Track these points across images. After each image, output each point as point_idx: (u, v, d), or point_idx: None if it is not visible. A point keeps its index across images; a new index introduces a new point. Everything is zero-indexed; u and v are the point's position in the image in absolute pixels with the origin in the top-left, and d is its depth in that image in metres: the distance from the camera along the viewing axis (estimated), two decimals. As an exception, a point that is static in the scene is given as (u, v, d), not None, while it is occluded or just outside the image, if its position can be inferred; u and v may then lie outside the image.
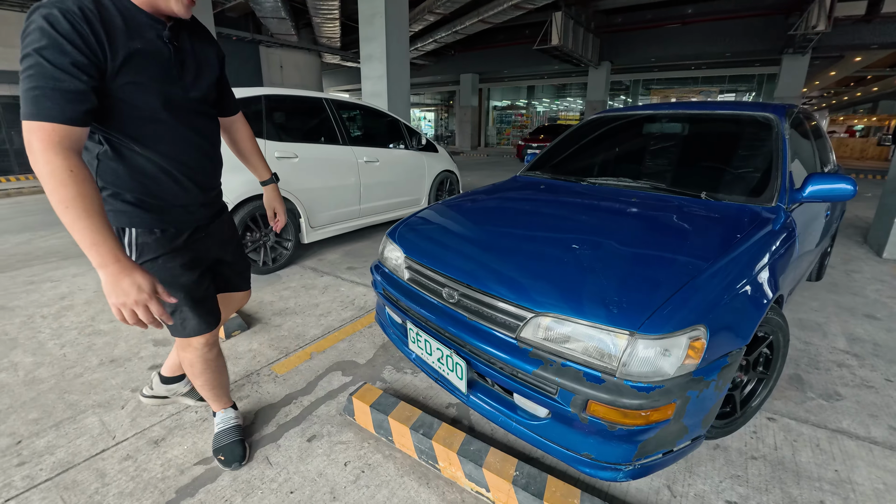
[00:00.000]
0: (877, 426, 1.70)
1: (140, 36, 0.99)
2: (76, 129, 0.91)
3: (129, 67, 0.97)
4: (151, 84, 1.03)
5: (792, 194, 1.81)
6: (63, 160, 0.87)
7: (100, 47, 0.92)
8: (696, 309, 1.18)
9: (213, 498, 1.38)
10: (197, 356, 1.39)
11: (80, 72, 0.89)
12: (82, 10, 0.89)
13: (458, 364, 1.44)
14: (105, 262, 0.92)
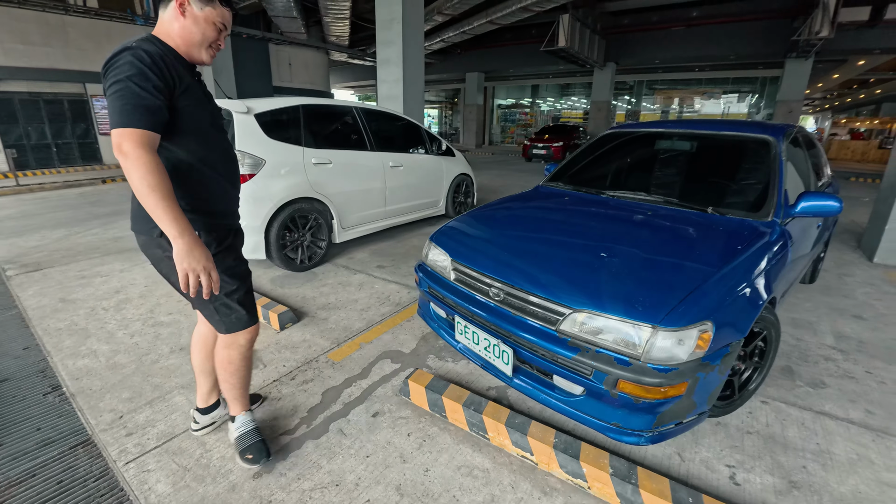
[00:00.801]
0: (854, 409, 2.00)
1: (188, 74, 1.32)
2: (155, 134, 1.19)
3: (187, 94, 1.28)
4: (200, 106, 1.35)
5: (786, 210, 2.09)
6: (151, 156, 1.15)
7: (171, 77, 1.22)
8: (705, 308, 1.47)
9: (303, 461, 1.67)
10: (240, 353, 1.55)
11: (158, 93, 1.18)
12: (158, 53, 1.21)
13: (506, 352, 1.73)
14: (182, 233, 1.17)
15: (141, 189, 1.12)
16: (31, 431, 1.87)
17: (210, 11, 1.31)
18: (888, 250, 4.17)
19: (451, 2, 11.76)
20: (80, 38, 11.38)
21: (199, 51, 1.33)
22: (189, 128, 1.30)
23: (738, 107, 20.67)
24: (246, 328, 1.52)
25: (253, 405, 1.93)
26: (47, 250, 4.43)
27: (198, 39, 1.31)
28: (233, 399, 1.65)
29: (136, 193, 1.13)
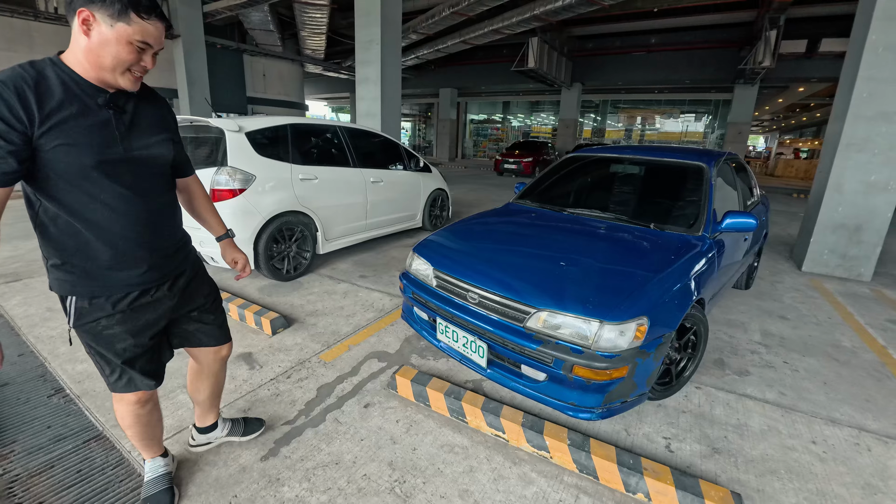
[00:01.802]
0: (770, 392, 2.39)
1: (77, 102, 1.05)
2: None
3: (60, 129, 1.02)
4: (85, 145, 1.06)
5: (714, 226, 2.50)
6: None
7: (26, 114, 0.98)
8: (642, 306, 1.81)
9: (304, 445, 1.90)
10: (127, 411, 1.40)
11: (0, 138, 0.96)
12: (15, 84, 0.98)
13: (481, 346, 2.03)
14: None
15: None
16: (42, 429, 2.01)
17: (123, 29, 1.02)
18: (813, 260, 4.75)
19: (425, 21, 12.23)
20: (46, 44, 11.12)
21: (114, 76, 1.08)
22: (56, 171, 1.05)
23: (695, 126, 22.08)
24: (132, 392, 1.35)
25: (254, 433, 1.89)
26: (24, 261, 4.42)
27: (108, 63, 1.05)
28: (136, 447, 1.55)
29: None
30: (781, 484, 1.76)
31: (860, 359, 2.84)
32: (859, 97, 4.27)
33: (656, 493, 1.60)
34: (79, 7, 1.01)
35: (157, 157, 1.24)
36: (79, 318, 1.21)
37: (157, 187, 1.26)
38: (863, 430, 2.12)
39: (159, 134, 1.25)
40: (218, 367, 1.66)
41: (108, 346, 1.26)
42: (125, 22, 1.02)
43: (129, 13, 1.02)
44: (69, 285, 1.17)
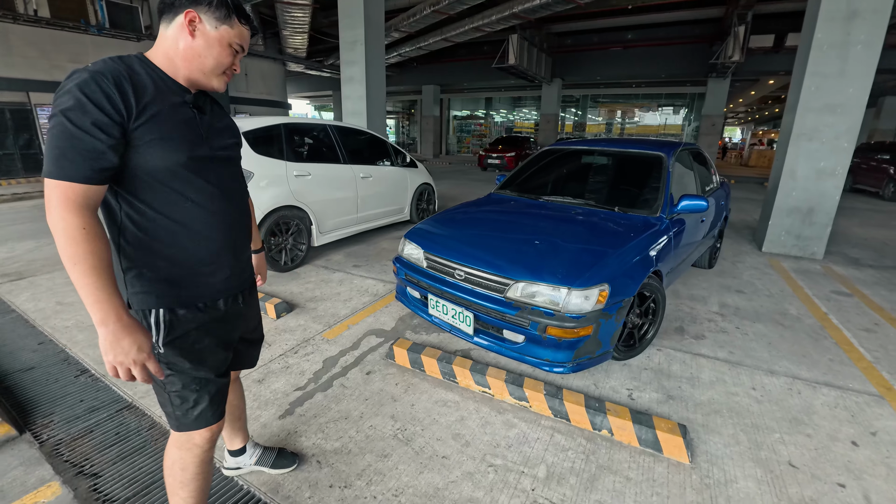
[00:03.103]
0: (721, 351, 2.74)
1: (167, 98, 1.04)
2: (92, 187, 0.93)
3: (155, 122, 1.00)
4: (178, 139, 1.04)
5: (671, 208, 2.83)
6: (76, 217, 0.89)
7: (125, 106, 0.95)
8: (604, 275, 2.12)
9: (315, 406, 2.17)
10: (194, 455, 1.22)
11: (100, 130, 0.91)
12: (113, 74, 0.95)
13: (468, 316, 2.32)
14: (107, 319, 0.92)
15: (63, 260, 0.90)
16: (76, 403, 2.23)
17: (226, 31, 1.06)
18: (772, 241, 5.17)
19: (407, 20, 12.43)
20: (24, 46, 11.01)
21: (210, 78, 1.09)
22: (145, 168, 1.00)
23: (673, 119, 22.72)
24: (209, 426, 1.20)
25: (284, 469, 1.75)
26: (23, 261, 4.55)
27: (209, 64, 1.07)
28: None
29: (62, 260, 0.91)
30: (723, 420, 2.09)
31: (803, 323, 3.22)
32: (808, 91, 4.67)
33: (617, 428, 1.92)
34: (186, 8, 1.03)
35: (234, 159, 1.25)
36: (169, 333, 1.09)
37: (238, 189, 1.25)
38: (796, 378, 2.48)
39: (231, 138, 1.24)
40: (237, 384, 1.60)
41: (199, 362, 1.15)
42: (228, 25, 1.06)
43: (232, 17, 1.06)
44: (154, 297, 1.07)
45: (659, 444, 1.85)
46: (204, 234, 1.12)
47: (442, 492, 1.65)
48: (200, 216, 1.11)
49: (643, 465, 1.80)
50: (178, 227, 1.08)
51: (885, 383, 2.46)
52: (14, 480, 1.72)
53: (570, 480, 1.72)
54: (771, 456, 1.87)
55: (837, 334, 3.06)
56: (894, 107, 18.78)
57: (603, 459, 1.83)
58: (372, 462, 1.80)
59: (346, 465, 1.78)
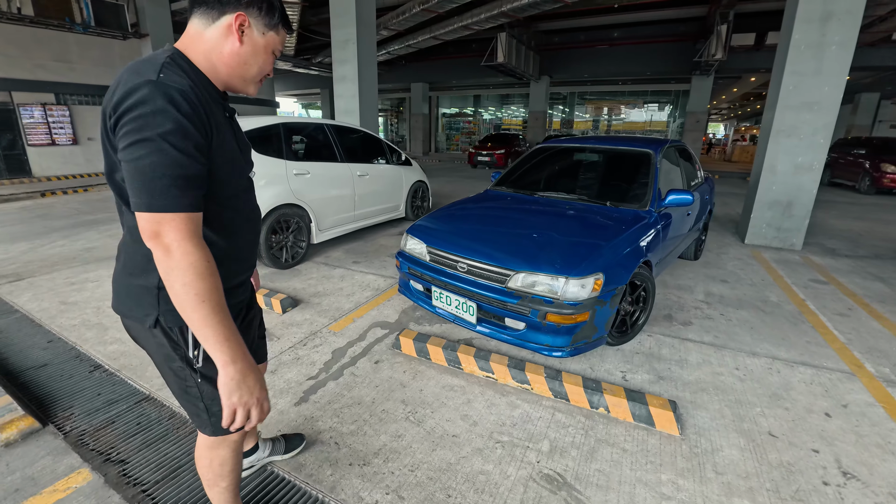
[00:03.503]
0: (707, 336, 2.92)
1: (219, 111, 0.98)
2: (200, 215, 0.88)
3: (220, 140, 0.94)
4: (238, 155, 1.01)
5: (659, 202, 3.00)
6: (201, 251, 0.85)
7: (208, 125, 0.89)
8: (598, 265, 2.27)
9: (329, 393, 2.28)
10: (231, 450, 1.23)
11: (200, 154, 0.86)
12: (193, 90, 0.87)
13: (471, 306, 2.45)
14: (235, 358, 0.88)
15: (186, 298, 0.83)
16: (94, 396, 2.31)
17: (272, 38, 1.00)
18: (754, 234, 5.40)
19: (396, 18, 12.47)
20: (4, 44, 10.81)
21: (247, 84, 1.02)
22: (221, 189, 0.97)
23: (659, 115, 23.12)
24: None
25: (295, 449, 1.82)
26: (19, 262, 4.55)
27: (253, 71, 1.01)
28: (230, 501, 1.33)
29: (177, 301, 0.84)
30: (709, 396, 2.26)
31: (783, 310, 3.42)
32: (787, 89, 4.89)
33: (613, 405, 2.07)
34: (236, 10, 0.94)
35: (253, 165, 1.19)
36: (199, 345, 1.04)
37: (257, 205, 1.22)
38: (776, 359, 2.66)
39: (247, 143, 1.17)
40: None
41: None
42: (275, 31, 1.00)
43: (279, 24, 1.00)
44: None
45: (651, 418, 2.00)
46: (243, 251, 1.12)
47: (454, 466, 1.79)
48: (248, 229, 1.11)
49: (637, 437, 1.96)
50: (232, 242, 1.05)
51: (857, 362, 2.65)
52: (44, 469, 1.80)
53: (571, 453, 1.86)
54: (753, 427, 2.04)
55: (814, 319, 3.26)
56: (870, 103, 19.40)
57: (601, 434, 1.98)
58: (387, 442, 1.92)
59: (363, 446, 1.90)
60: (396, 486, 1.69)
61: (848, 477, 1.77)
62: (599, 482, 1.72)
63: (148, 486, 1.71)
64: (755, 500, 1.65)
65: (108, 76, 12.95)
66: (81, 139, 12.71)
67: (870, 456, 1.88)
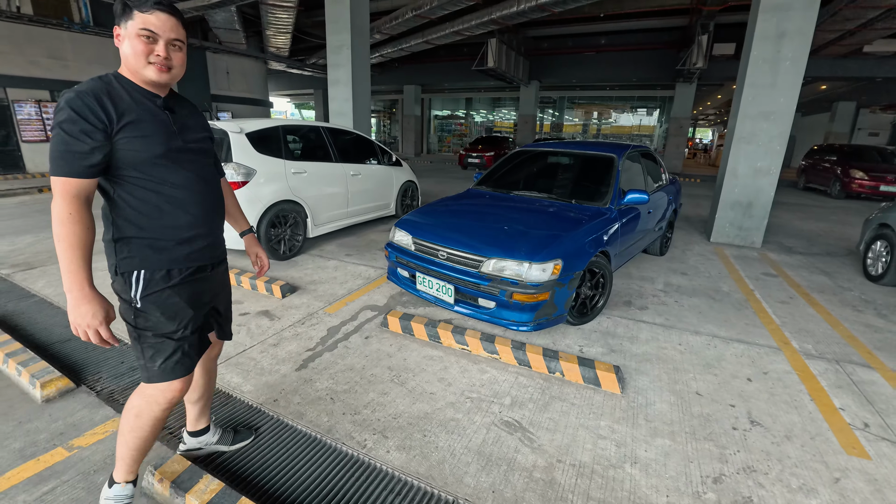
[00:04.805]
0: (659, 318, 3.32)
1: (142, 105, 1.27)
2: (82, 181, 1.18)
3: (134, 126, 1.23)
4: (154, 136, 1.27)
5: (619, 200, 3.39)
6: (67, 205, 1.15)
7: (106, 116, 1.18)
8: (558, 252, 2.65)
9: (325, 361, 2.63)
10: (151, 410, 1.39)
11: (87, 136, 1.15)
12: (94, 91, 1.18)
13: (450, 288, 2.82)
14: (71, 287, 1.16)
15: (54, 236, 1.16)
16: (118, 364, 2.62)
17: (132, 24, 1.21)
18: (718, 232, 5.84)
19: (389, 23, 12.83)
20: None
21: (141, 71, 1.25)
22: (131, 161, 1.24)
23: (648, 119, 23.76)
24: (175, 378, 1.37)
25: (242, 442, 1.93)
26: (28, 253, 4.81)
27: (131, 60, 1.24)
28: (124, 459, 1.46)
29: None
30: (651, 366, 2.65)
31: (731, 298, 3.84)
32: (746, 100, 5.34)
33: (567, 370, 2.45)
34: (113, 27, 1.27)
35: (207, 150, 1.47)
36: (146, 288, 1.30)
37: (213, 175, 1.48)
38: (715, 336, 3.07)
39: (203, 132, 1.46)
40: (211, 365, 1.75)
41: (171, 316, 1.34)
42: (130, 19, 1.21)
43: (132, 12, 1.21)
44: (138, 260, 1.30)
45: (598, 380, 2.38)
46: (183, 211, 1.35)
47: (430, 415, 2.15)
48: (180, 196, 1.34)
49: (585, 395, 2.34)
50: (161, 206, 1.31)
51: (785, 339, 3.07)
52: (83, 418, 2.13)
53: (528, 406, 2.24)
54: (684, 388, 2.43)
55: (757, 305, 3.68)
56: (847, 111, 20.14)
57: (555, 392, 2.36)
58: (374, 398, 2.28)
59: (354, 400, 2.26)
60: (382, 428, 2.05)
61: (754, 424, 2.16)
62: (549, 426, 2.09)
63: (174, 430, 2.05)
64: (675, 440, 2.03)
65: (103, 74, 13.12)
66: (76, 136, 12.84)
67: (776, 410, 2.28)
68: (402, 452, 1.90)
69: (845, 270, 4.76)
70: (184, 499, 1.57)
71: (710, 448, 1.98)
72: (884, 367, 2.73)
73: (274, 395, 2.30)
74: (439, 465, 1.84)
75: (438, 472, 1.80)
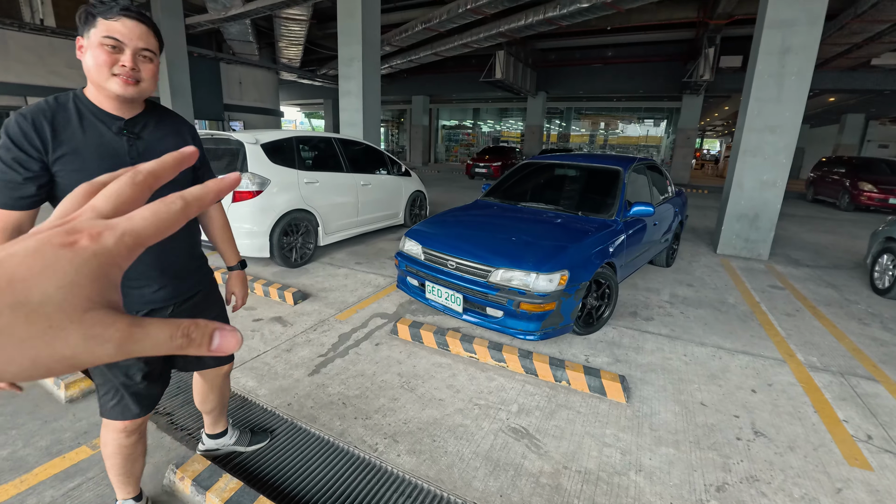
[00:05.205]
0: (664, 329, 3.36)
1: (92, 131, 1.13)
2: (11, 212, 1.08)
3: (72, 157, 1.10)
4: (93, 170, 1.10)
5: (625, 213, 3.46)
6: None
7: (42, 144, 1.07)
8: (565, 263, 2.72)
9: (336, 367, 2.70)
10: (111, 438, 1.39)
11: (19, 165, 1.05)
12: (33, 116, 1.07)
13: (458, 297, 2.89)
14: None
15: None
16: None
17: (94, 33, 1.09)
18: (725, 244, 5.86)
19: (399, 35, 13.07)
20: (21, 51, 11.34)
21: (104, 84, 1.12)
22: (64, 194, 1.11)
23: (655, 130, 23.82)
24: (115, 419, 1.35)
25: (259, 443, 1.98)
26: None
27: (93, 72, 1.10)
28: (113, 483, 1.50)
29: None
30: (656, 376, 2.69)
31: (737, 310, 3.87)
32: (752, 113, 5.40)
33: (573, 379, 2.50)
34: (77, 39, 1.13)
35: (178, 181, 1.20)
36: None
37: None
38: (720, 348, 3.10)
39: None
40: (221, 381, 1.71)
41: (112, 366, 1.26)
42: (94, 27, 1.09)
43: (95, 20, 1.09)
44: None
45: (604, 389, 2.43)
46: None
47: (440, 420, 2.21)
48: None
49: (591, 404, 2.39)
50: None
51: (790, 352, 3.09)
52: (105, 418, 2.22)
53: (535, 413, 2.29)
54: (688, 398, 2.47)
55: (763, 317, 3.71)
56: (857, 123, 20.09)
57: (561, 400, 2.41)
58: (385, 403, 2.35)
59: (365, 405, 2.32)
60: (392, 433, 2.11)
61: (758, 434, 2.20)
62: (555, 434, 2.14)
63: (192, 431, 2.13)
64: (679, 449, 2.07)
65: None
66: (93, 144, 13.18)
67: (780, 421, 2.32)
68: (412, 456, 1.97)
69: (852, 283, 4.77)
70: (204, 496, 1.65)
71: (713, 457, 2.02)
72: (889, 380, 2.75)
73: (288, 399, 2.37)
74: (448, 469, 1.90)
75: (448, 475, 1.86)
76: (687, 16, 12.73)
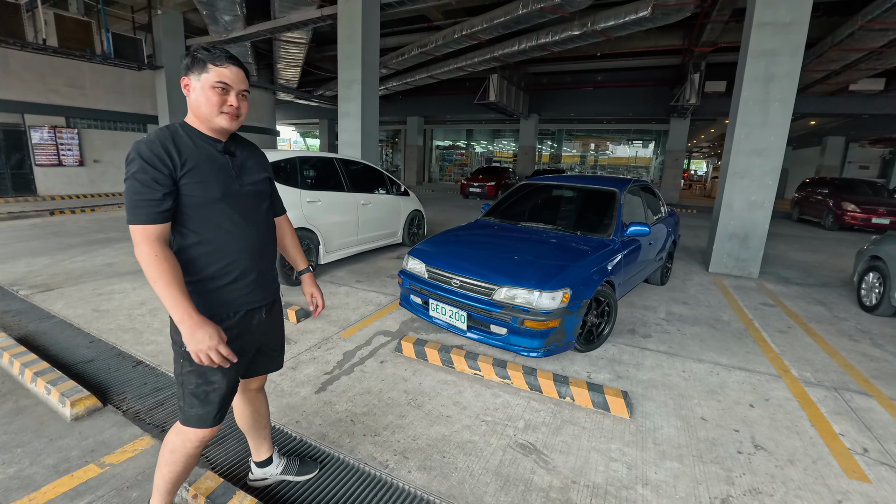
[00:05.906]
0: (662, 346, 3.43)
1: (204, 150, 1.34)
2: (157, 226, 1.25)
3: (195, 171, 1.30)
4: (212, 181, 1.33)
5: (622, 232, 3.57)
6: (150, 248, 1.22)
7: (171, 163, 1.26)
8: (567, 281, 2.80)
9: (343, 385, 2.72)
10: (185, 447, 1.45)
11: (157, 184, 1.23)
12: (160, 140, 1.27)
13: (462, 315, 2.94)
14: (182, 318, 1.21)
15: (148, 280, 1.21)
16: (141, 385, 2.72)
17: (206, 78, 1.30)
18: (716, 263, 6.01)
19: (395, 58, 13.41)
20: (21, 69, 11.45)
21: (214, 120, 1.33)
22: (189, 205, 1.31)
23: (644, 152, 24.41)
24: (200, 427, 1.43)
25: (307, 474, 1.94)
26: (45, 275, 4.93)
27: (204, 110, 1.32)
28: (156, 487, 1.54)
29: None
30: (657, 391, 2.75)
31: (731, 327, 3.96)
32: (739, 137, 5.62)
33: (577, 395, 2.55)
34: (182, 79, 1.36)
35: (262, 192, 1.51)
36: None
37: (264, 218, 1.52)
38: (717, 364, 3.17)
39: (262, 173, 1.51)
40: (252, 396, 1.76)
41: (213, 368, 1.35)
42: (205, 72, 1.30)
43: (206, 66, 1.29)
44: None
45: (607, 404, 2.48)
46: (235, 253, 1.40)
47: (448, 437, 2.24)
48: (233, 239, 1.39)
49: (595, 419, 2.43)
50: (216, 248, 1.37)
51: (785, 367, 3.17)
52: (112, 436, 2.21)
53: (541, 429, 2.33)
54: (689, 413, 2.53)
55: (757, 334, 3.80)
56: (837, 145, 20.81)
57: (566, 416, 2.45)
58: (393, 420, 2.37)
59: (374, 422, 2.35)
60: (402, 449, 2.14)
61: (758, 448, 2.25)
62: (562, 449, 2.18)
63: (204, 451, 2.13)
64: (683, 463, 2.12)
65: (118, 102, 13.65)
66: (87, 161, 13.21)
67: (779, 435, 2.38)
68: (423, 473, 1.99)
69: (841, 301, 4.90)
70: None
71: (716, 471, 2.07)
72: (881, 394, 2.83)
73: (295, 417, 2.39)
74: (459, 484, 1.92)
75: (459, 491, 1.88)
76: (673, 43, 13.25)
